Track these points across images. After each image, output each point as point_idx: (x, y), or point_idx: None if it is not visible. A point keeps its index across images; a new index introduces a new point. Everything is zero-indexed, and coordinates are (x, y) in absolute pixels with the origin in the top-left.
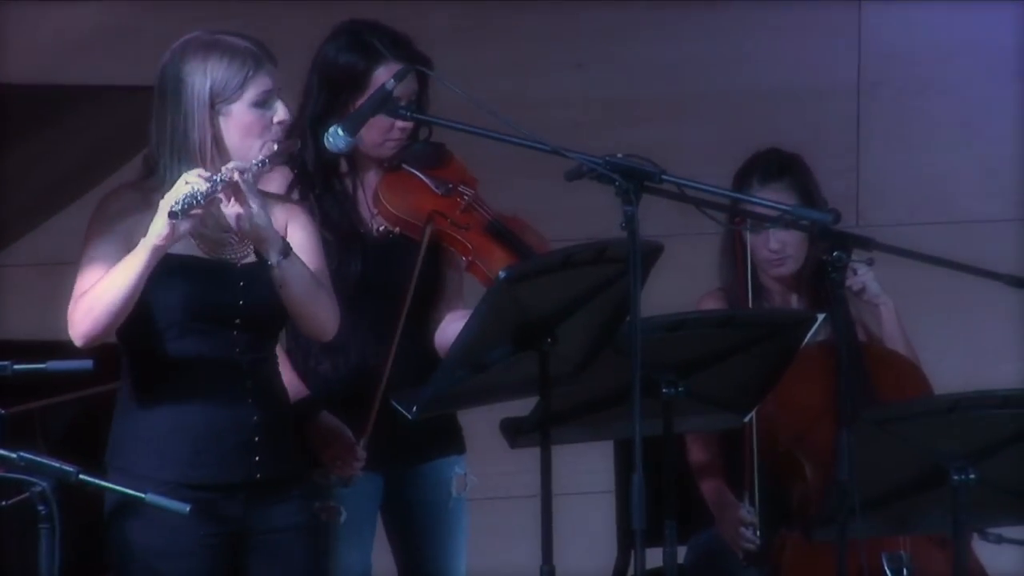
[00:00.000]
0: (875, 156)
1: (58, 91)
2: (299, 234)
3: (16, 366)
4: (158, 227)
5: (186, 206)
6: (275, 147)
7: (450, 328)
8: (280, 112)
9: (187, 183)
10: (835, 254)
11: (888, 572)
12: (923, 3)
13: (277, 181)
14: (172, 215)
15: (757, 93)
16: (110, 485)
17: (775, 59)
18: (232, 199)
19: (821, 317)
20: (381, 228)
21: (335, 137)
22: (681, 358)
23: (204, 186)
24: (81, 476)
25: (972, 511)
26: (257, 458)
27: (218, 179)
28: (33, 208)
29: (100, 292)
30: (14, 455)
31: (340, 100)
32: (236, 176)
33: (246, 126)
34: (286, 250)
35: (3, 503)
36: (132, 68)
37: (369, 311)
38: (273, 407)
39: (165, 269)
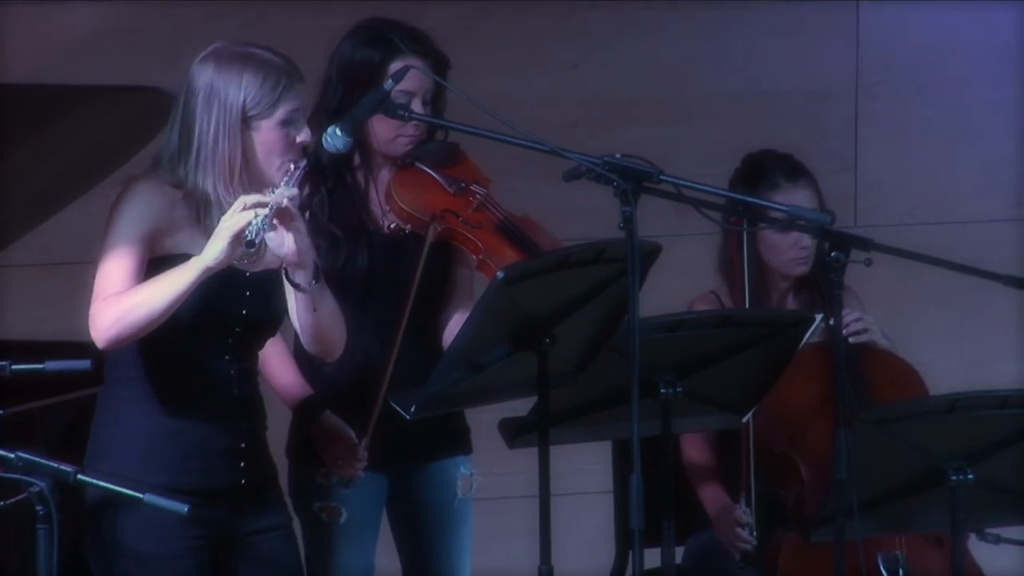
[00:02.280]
0: (873, 156)
1: (58, 91)
2: None
3: (15, 366)
4: (216, 250)
5: (259, 237)
6: (291, 168)
7: (459, 327)
8: (304, 133)
9: (250, 209)
10: (832, 254)
11: (884, 572)
12: (921, 3)
13: None
14: (250, 244)
15: (755, 93)
16: (108, 485)
17: (773, 59)
18: (280, 225)
19: (819, 318)
20: (392, 225)
21: (333, 137)
22: (679, 358)
23: (264, 212)
24: (79, 476)
25: (970, 511)
26: (243, 464)
27: (272, 206)
28: (33, 208)
29: (139, 302)
30: (12, 455)
31: (356, 95)
32: (286, 202)
33: (271, 144)
34: (318, 274)
35: (1, 503)
36: (132, 68)
37: (375, 309)
38: (257, 413)
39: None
